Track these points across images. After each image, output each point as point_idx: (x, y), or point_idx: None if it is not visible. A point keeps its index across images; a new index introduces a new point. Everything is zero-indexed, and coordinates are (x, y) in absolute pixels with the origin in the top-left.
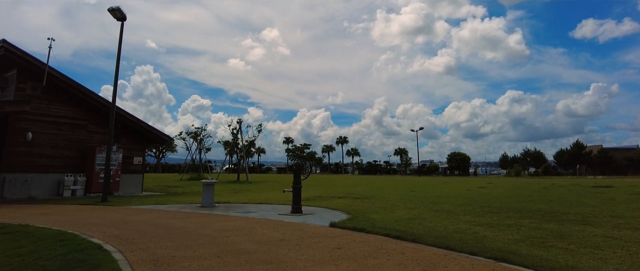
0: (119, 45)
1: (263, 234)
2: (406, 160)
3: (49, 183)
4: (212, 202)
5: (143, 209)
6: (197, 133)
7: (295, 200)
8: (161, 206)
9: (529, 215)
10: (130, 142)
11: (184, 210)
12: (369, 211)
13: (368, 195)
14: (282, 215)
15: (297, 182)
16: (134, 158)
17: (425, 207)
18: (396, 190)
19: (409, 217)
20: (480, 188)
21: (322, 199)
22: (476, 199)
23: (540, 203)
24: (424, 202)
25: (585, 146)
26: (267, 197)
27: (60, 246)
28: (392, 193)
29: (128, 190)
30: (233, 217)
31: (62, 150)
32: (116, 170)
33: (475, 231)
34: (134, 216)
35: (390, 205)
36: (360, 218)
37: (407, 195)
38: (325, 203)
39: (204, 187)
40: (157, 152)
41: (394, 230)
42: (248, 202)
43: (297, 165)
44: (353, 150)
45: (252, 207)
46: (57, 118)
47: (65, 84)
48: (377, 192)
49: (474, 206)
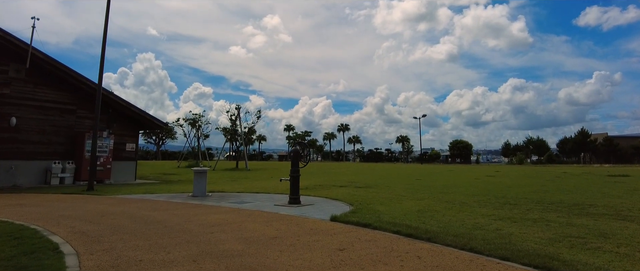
0: (106, 20)
1: (254, 230)
2: (408, 148)
3: (36, 170)
4: (204, 191)
5: (129, 199)
6: (196, 119)
7: (293, 190)
8: (149, 196)
9: (552, 207)
10: (122, 128)
11: (173, 200)
12: (373, 202)
13: (371, 184)
14: (279, 206)
15: (294, 170)
16: (127, 144)
17: (435, 198)
18: (400, 179)
19: (418, 209)
20: (489, 176)
21: (323, 188)
22: (488, 189)
23: (558, 193)
24: (432, 191)
25: (590, 134)
26: (264, 185)
27: (10, 246)
28: (396, 182)
29: (120, 178)
30: (224, 208)
31: (49, 136)
32: (107, 157)
33: (497, 228)
34: (116, 208)
35: (396, 195)
36: (365, 211)
37: (413, 184)
38: (326, 193)
39: (196, 176)
40: (157, 139)
41: (405, 226)
42: (244, 191)
43: (294, 151)
44: (354, 138)
45: (247, 197)
46: (43, 103)
47: (51, 66)
48: (380, 180)
49: (487, 196)
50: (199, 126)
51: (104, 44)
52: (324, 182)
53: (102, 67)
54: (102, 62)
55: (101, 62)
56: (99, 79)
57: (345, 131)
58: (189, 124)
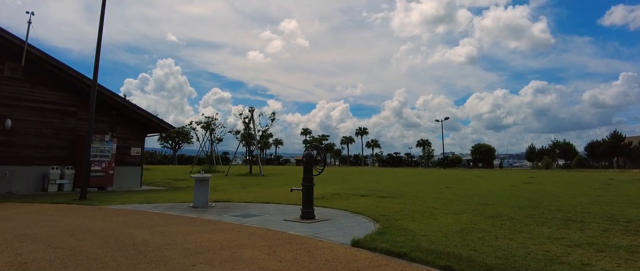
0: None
1: (250, 262)
2: (428, 152)
3: (33, 176)
4: (206, 201)
5: (119, 211)
6: (209, 123)
7: (306, 202)
8: (145, 207)
9: (633, 227)
10: (126, 131)
11: (169, 212)
12: (403, 218)
13: (396, 193)
14: (289, 222)
15: (308, 178)
16: (132, 148)
17: (475, 211)
18: (427, 186)
19: (461, 228)
20: (527, 183)
21: (341, 198)
22: (533, 198)
23: (626, 206)
24: (469, 202)
25: (624, 137)
26: (276, 193)
27: None
28: (424, 190)
29: (124, 184)
30: (222, 225)
31: (48, 140)
32: (109, 162)
33: (583, 261)
34: (96, 223)
35: (428, 208)
36: (395, 231)
37: (443, 193)
38: (345, 204)
39: (196, 184)
40: (174, 143)
41: (453, 257)
42: (252, 201)
43: (307, 156)
44: (373, 142)
45: (255, 208)
46: (42, 104)
47: (49, 65)
48: (405, 188)
49: (538, 209)
50: (213, 129)
51: (100, 39)
52: (342, 189)
53: (97, 62)
54: (97, 57)
55: (96, 56)
56: (94, 75)
57: (363, 135)
58: (202, 127)
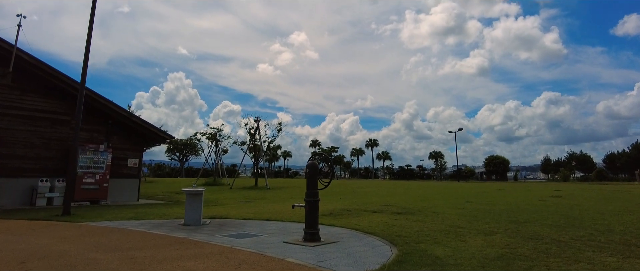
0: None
1: None
2: (441, 165)
3: (21, 189)
4: (198, 218)
5: (99, 229)
6: (214, 134)
7: (310, 222)
8: (131, 224)
9: None
10: (123, 141)
11: (155, 231)
12: (424, 239)
13: (412, 208)
14: (289, 245)
15: (312, 193)
16: (129, 160)
17: (508, 230)
18: (445, 201)
19: (498, 255)
20: (555, 197)
21: (351, 214)
22: (571, 216)
23: None
24: (497, 219)
25: None
26: (280, 209)
27: None
28: (442, 206)
29: (120, 198)
30: (209, 248)
31: (38, 150)
32: (104, 174)
33: None
34: (61, 245)
35: (451, 227)
36: (417, 257)
37: (465, 208)
38: (356, 222)
39: (188, 199)
40: (181, 155)
41: None
42: (253, 217)
43: (311, 167)
44: (384, 154)
45: (253, 226)
46: (32, 112)
47: (40, 70)
48: (421, 202)
49: (585, 230)
50: (218, 141)
51: (89, 38)
52: (353, 205)
53: (85, 64)
54: (86, 58)
55: (85, 57)
56: (82, 77)
57: (373, 147)
58: (207, 139)
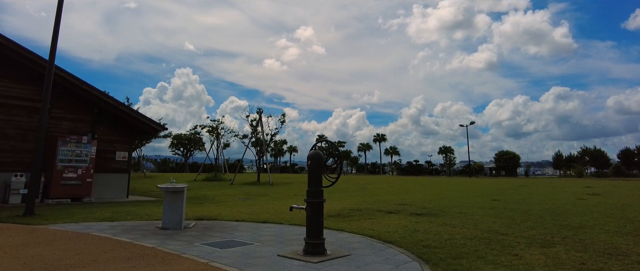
0: None
1: None
2: (450, 160)
3: None
4: (179, 220)
5: (55, 233)
6: (214, 127)
7: (312, 229)
8: (98, 226)
9: None
10: (110, 132)
11: (123, 237)
12: (465, 254)
13: (433, 208)
14: (285, 259)
15: (315, 192)
16: (117, 153)
17: (569, 240)
18: (468, 199)
19: None
20: (593, 195)
21: (363, 215)
22: (630, 218)
23: None
24: (543, 223)
25: None
26: (280, 207)
27: None
28: (467, 205)
29: (106, 194)
30: (178, 265)
31: (12, 142)
32: (87, 168)
33: None
34: None
35: (491, 234)
36: None
37: (496, 209)
38: (370, 226)
39: (166, 197)
40: (185, 150)
41: None
42: (247, 218)
43: (313, 157)
44: (392, 149)
45: (246, 230)
46: (6, 100)
47: (15, 54)
48: (442, 201)
49: None
50: (218, 134)
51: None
52: (363, 203)
53: (55, 36)
54: (56, 28)
55: (55, 27)
56: (52, 50)
57: (381, 142)
58: (208, 132)
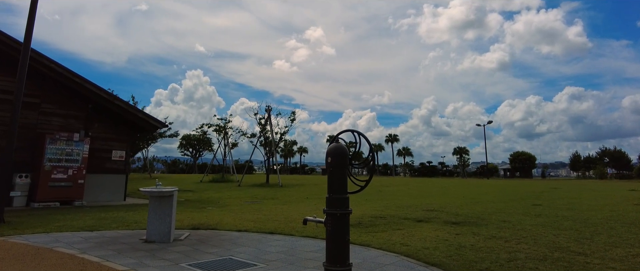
0: None
1: None
2: (465, 161)
3: None
4: (167, 231)
5: (12, 248)
6: (221, 126)
7: (334, 252)
8: (72, 238)
9: None
10: (106, 130)
11: (92, 254)
12: None
13: (470, 215)
14: None
15: (337, 200)
16: (114, 152)
17: None
18: (505, 204)
19: None
20: None
21: (388, 224)
22: None
23: None
24: (620, 235)
25: None
26: (291, 213)
27: None
28: (508, 210)
29: (101, 197)
30: None
31: None
32: (79, 168)
33: None
34: None
35: (562, 252)
36: None
37: (546, 216)
38: (400, 239)
39: (152, 203)
40: (194, 151)
41: None
42: (251, 228)
43: (335, 153)
44: (404, 150)
45: (248, 244)
46: None
47: (1, 44)
48: (474, 206)
49: None
50: (225, 133)
51: None
52: (385, 208)
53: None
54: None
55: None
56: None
57: (393, 142)
58: (214, 131)
